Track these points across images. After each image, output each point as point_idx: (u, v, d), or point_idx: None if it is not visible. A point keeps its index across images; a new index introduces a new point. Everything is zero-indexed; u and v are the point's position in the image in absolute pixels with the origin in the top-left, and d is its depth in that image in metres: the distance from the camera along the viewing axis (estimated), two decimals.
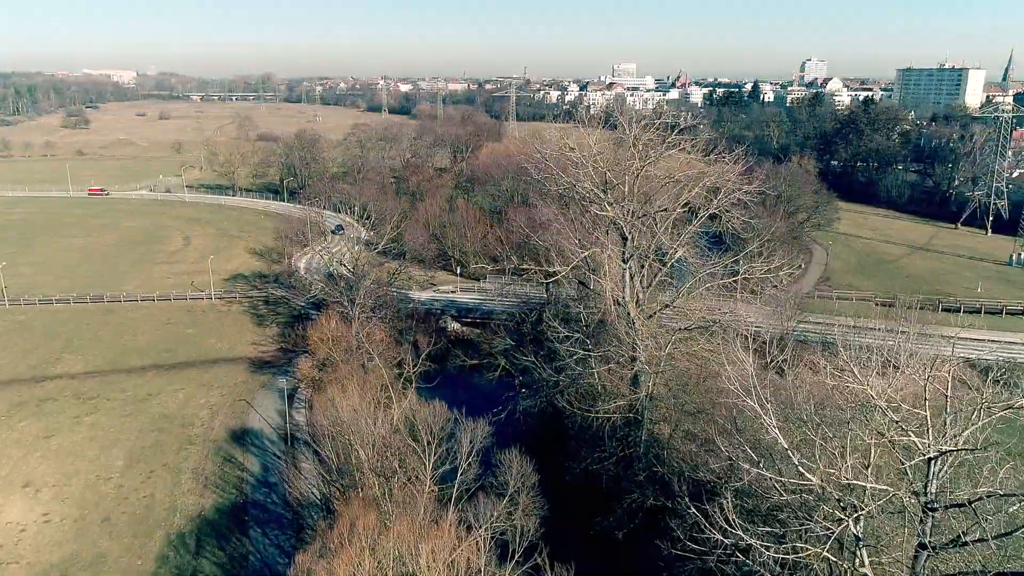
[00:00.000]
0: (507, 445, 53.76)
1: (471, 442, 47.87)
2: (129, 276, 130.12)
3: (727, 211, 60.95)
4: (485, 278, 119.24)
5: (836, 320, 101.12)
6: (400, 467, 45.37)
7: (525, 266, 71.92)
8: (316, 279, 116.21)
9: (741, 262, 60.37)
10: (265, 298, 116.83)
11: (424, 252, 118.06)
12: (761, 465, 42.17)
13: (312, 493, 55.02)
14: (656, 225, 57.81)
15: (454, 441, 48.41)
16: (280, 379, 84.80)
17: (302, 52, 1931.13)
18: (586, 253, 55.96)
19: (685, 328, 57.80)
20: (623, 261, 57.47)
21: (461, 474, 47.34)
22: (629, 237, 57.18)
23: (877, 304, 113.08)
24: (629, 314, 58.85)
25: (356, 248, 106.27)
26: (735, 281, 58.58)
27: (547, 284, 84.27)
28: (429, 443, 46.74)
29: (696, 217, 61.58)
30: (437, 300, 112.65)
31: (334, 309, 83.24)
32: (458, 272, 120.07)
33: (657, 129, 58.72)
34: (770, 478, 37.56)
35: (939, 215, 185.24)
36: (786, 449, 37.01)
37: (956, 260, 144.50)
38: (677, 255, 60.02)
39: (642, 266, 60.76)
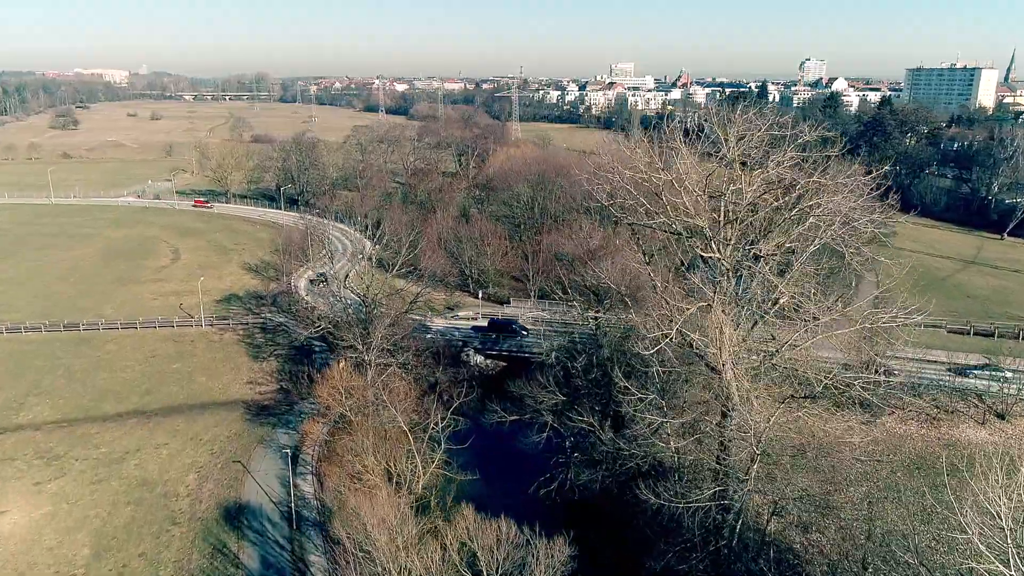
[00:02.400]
0: (560, 530, 41.38)
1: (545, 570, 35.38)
2: (111, 297, 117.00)
3: (845, 245, 48.69)
4: (509, 302, 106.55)
5: (914, 352, 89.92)
6: None
7: (594, 314, 58.97)
8: (320, 301, 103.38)
9: (864, 308, 47.84)
10: (262, 324, 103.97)
11: (446, 276, 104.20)
12: None
13: None
14: (767, 267, 45.26)
15: (525, 572, 35.82)
16: (280, 432, 72.23)
17: (297, 51, 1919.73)
18: (692, 309, 43.28)
19: (805, 396, 45.23)
20: (723, 311, 44.91)
21: None
22: (736, 282, 44.86)
23: (948, 332, 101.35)
24: (725, 375, 46.48)
25: (361, 265, 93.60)
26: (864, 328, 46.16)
27: (596, 317, 71.86)
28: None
29: (804, 252, 49.06)
30: (457, 328, 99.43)
31: (346, 353, 70.46)
32: (478, 295, 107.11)
33: (765, 143, 46.23)
34: None
35: (979, 223, 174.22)
36: None
37: (1015, 276, 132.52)
38: (783, 300, 47.53)
39: (740, 314, 48.29)
